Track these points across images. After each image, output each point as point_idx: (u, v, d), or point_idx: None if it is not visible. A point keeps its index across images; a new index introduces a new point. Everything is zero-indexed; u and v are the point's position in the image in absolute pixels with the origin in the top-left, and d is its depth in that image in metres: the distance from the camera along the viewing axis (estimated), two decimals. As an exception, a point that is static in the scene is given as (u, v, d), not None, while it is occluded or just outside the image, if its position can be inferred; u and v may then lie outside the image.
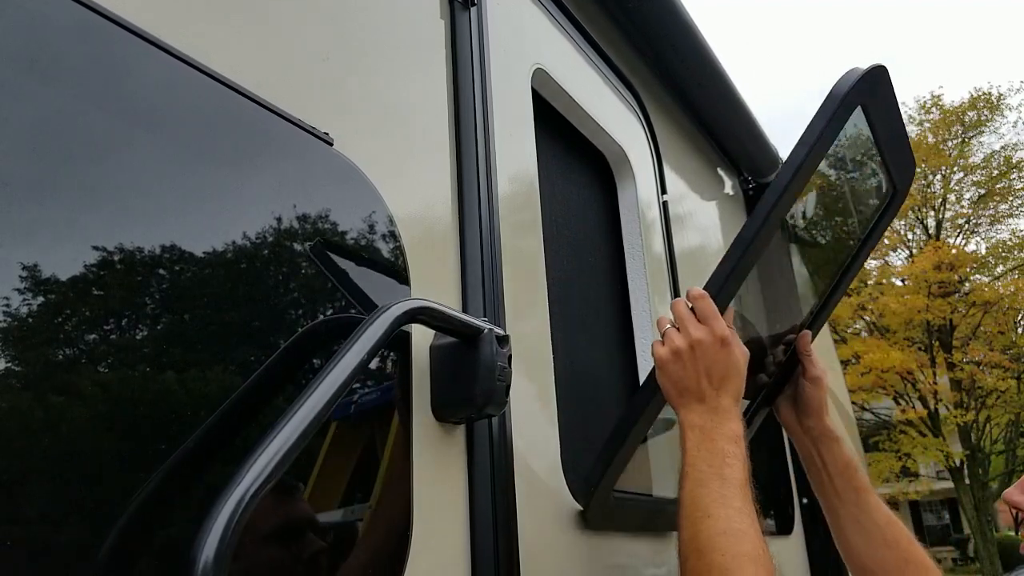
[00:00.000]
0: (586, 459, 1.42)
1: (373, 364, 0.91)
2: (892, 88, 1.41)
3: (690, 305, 1.25)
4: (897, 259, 19.85)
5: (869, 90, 1.36)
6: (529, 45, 1.59)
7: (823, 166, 1.44)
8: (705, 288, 1.25)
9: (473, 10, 1.36)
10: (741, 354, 1.22)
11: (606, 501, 1.38)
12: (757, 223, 1.27)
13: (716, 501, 1.07)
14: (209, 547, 0.60)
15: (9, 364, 0.60)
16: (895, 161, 1.59)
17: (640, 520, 1.58)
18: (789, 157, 1.30)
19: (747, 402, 1.56)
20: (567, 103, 1.72)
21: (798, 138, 1.29)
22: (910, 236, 19.76)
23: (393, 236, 1.05)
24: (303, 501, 0.84)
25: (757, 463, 1.14)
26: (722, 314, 1.23)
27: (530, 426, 1.27)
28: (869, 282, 19.06)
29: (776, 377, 1.56)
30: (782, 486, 2.50)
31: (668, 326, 1.26)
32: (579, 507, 1.34)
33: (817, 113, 1.30)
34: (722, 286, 1.26)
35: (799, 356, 1.54)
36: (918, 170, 18.38)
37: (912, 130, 18.96)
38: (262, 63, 0.91)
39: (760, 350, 1.55)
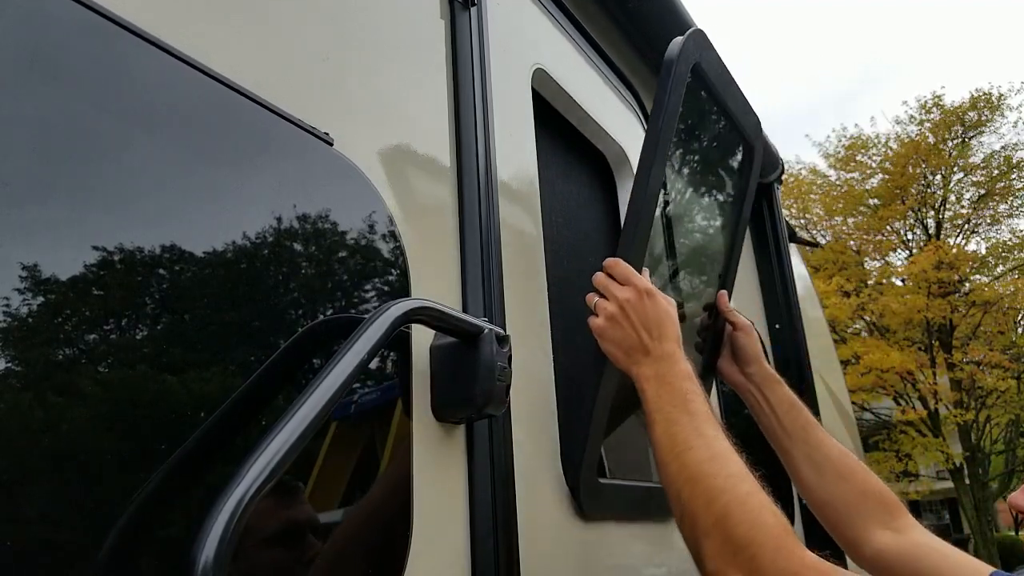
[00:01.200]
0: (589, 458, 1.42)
1: (373, 364, 0.91)
2: (715, 50, 1.57)
3: (609, 274, 1.32)
4: (897, 259, 19.86)
5: (697, 53, 1.51)
6: (529, 45, 1.59)
7: (690, 142, 1.67)
8: (617, 255, 1.34)
9: (473, 10, 1.36)
10: (667, 301, 1.28)
11: (594, 483, 1.38)
12: (639, 193, 1.39)
13: (692, 433, 1.10)
14: (209, 547, 0.60)
15: (9, 364, 0.60)
16: (740, 116, 1.74)
17: (639, 512, 1.59)
18: (648, 129, 1.45)
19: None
20: (567, 103, 1.73)
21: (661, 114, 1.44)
22: (910, 236, 19.76)
23: (393, 236, 1.05)
24: (304, 501, 0.84)
25: (757, 462, 1.15)
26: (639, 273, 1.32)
27: (530, 426, 1.27)
28: (869, 282, 19.07)
29: (710, 343, 1.67)
30: (782, 484, 2.50)
31: (597, 299, 1.31)
32: (580, 507, 1.34)
33: (659, 82, 1.47)
34: (630, 249, 1.35)
35: (723, 315, 1.65)
36: (918, 170, 18.41)
37: (912, 130, 18.97)
38: (262, 63, 0.91)
39: (690, 323, 1.68)
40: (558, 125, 1.75)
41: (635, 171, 1.94)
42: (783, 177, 2.93)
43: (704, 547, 1.00)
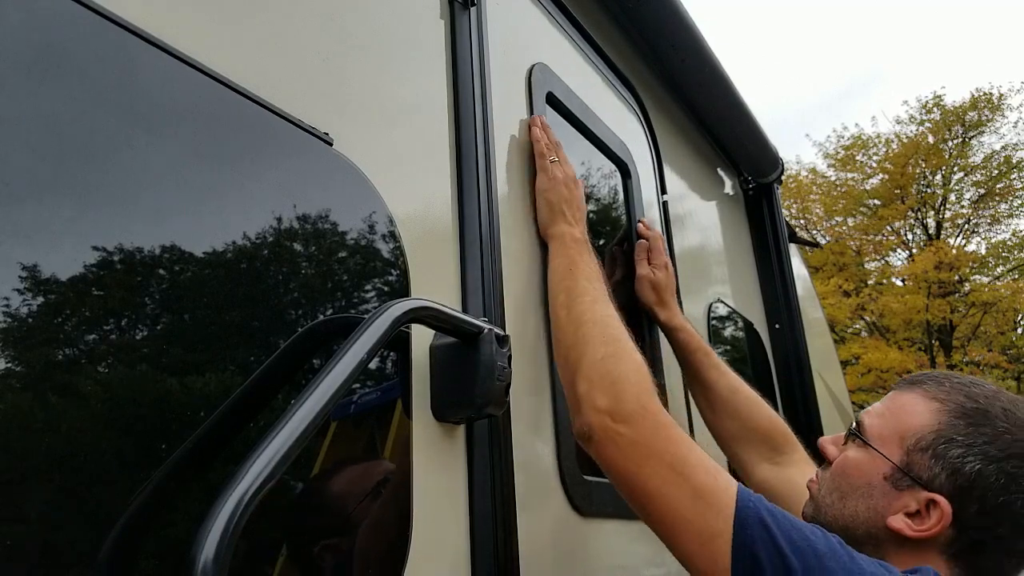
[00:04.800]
0: (583, 458, 1.43)
1: (373, 364, 0.91)
2: (559, 79, 1.65)
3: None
4: (897, 259, 19.86)
5: (547, 83, 1.59)
6: (529, 45, 1.59)
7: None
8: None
9: (473, 10, 1.36)
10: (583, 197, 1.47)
11: (579, 479, 1.38)
12: None
13: (588, 292, 1.25)
14: (209, 547, 0.60)
15: (9, 364, 0.60)
16: (606, 137, 1.80)
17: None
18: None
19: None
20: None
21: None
22: (910, 236, 19.76)
23: (393, 236, 1.05)
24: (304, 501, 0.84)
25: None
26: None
27: (530, 426, 1.27)
28: (869, 282, 19.07)
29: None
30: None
31: (551, 159, 1.44)
32: (575, 506, 1.34)
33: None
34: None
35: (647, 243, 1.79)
36: (918, 170, 18.41)
37: (912, 130, 18.97)
38: (262, 63, 0.91)
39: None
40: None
41: (638, 168, 1.94)
42: (783, 177, 2.93)
43: (580, 377, 1.15)
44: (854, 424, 1.20)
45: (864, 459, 1.14)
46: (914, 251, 19.09)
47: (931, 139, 18.63)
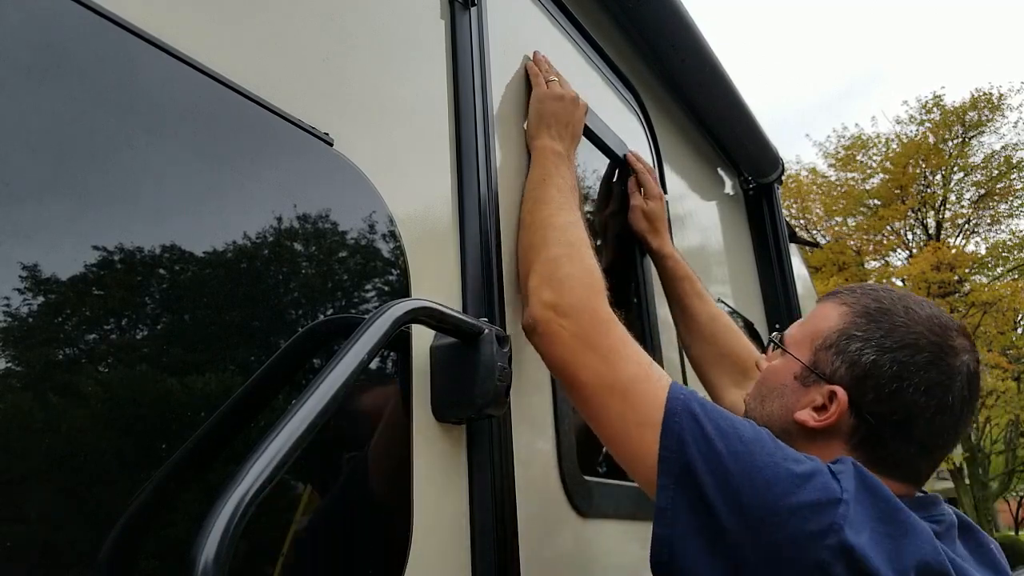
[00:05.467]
0: (583, 459, 1.43)
1: (373, 364, 0.91)
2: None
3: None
4: (897, 259, 19.86)
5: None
6: (529, 45, 1.59)
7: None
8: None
9: (473, 10, 1.36)
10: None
11: (580, 480, 1.38)
12: None
13: (557, 201, 1.30)
14: (209, 547, 0.60)
15: (9, 364, 0.60)
16: (608, 141, 1.81)
17: (637, 510, 1.58)
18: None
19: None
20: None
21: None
22: (910, 236, 19.76)
23: (393, 236, 1.05)
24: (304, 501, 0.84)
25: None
26: None
27: (530, 426, 1.27)
28: (869, 282, 19.05)
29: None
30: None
31: (553, 78, 1.49)
32: (575, 506, 1.34)
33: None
34: None
35: (637, 176, 1.81)
36: (918, 170, 18.40)
37: (913, 130, 18.98)
38: (262, 64, 0.91)
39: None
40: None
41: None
42: (783, 177, 2.93)
43: (533, 273, 1.21)
44: (777, 335, 1.29)
45: (781, 364, 1.21)
46: (914, 251, 19.09)
47: (931, 139, 18.63)
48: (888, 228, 19.51)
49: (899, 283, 18.68)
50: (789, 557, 0.91)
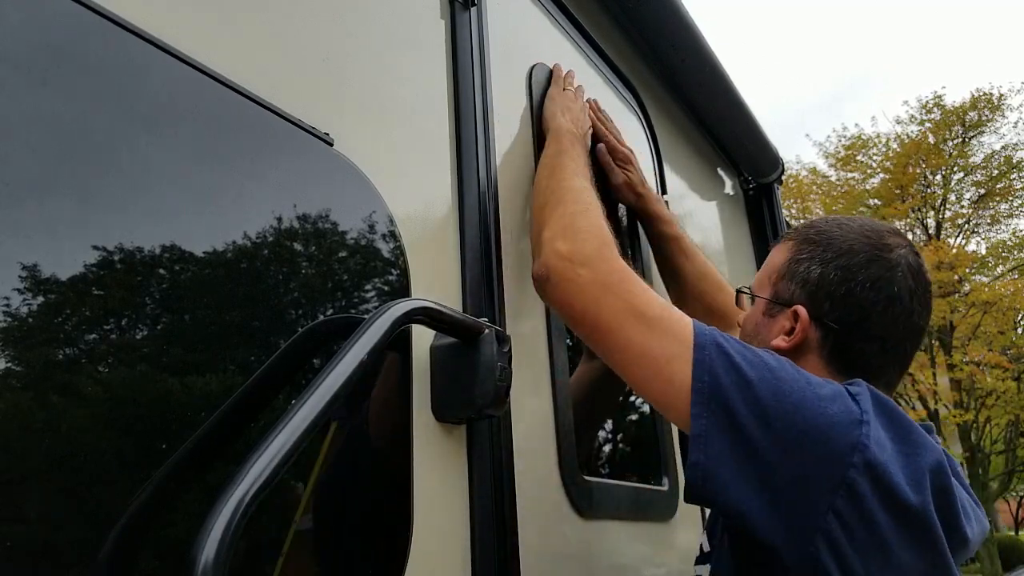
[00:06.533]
0: (583, 459, 1.43)
1: (373, 364, 0.91)
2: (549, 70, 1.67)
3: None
4: (897, 259, 19.80)
5: (547, 80, 1.61)
6: (529, 45, 1.59)
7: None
8: None
9: (473, 10, 1.36)
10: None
11: (579, 480, 1.38)
12: None
13: (572, 174, 1.34)
14: (209, 547, 0.60)
15: (9, 364, 0.60)
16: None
17: (637, 511, 1.59)
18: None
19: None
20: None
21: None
22: (910, 236, 19.74)
23: (393, 236, 1.05)
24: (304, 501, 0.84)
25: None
26: None
27: (530, 426, 1.27)
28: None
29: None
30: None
31: (568, 84, 1.58)
32: (575, 506, 1.34)
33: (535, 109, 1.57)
34: None
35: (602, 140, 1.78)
36: (918, 170, 18.39)
37: (913, 130, 18.97)
38: (262, 64, 0.91)
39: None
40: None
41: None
42: (783, 177, 2.93)
43: (547, 226, 1.23)
44: (744, 286, 1.38)
45: (753, 309, 1.31)
46: (914, 251, 19.04)
47: (931, 139, 18.62)
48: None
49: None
50: (817, 475, 0.96)
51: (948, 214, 19.23)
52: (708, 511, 1.51)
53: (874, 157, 19.48)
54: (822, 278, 1.20)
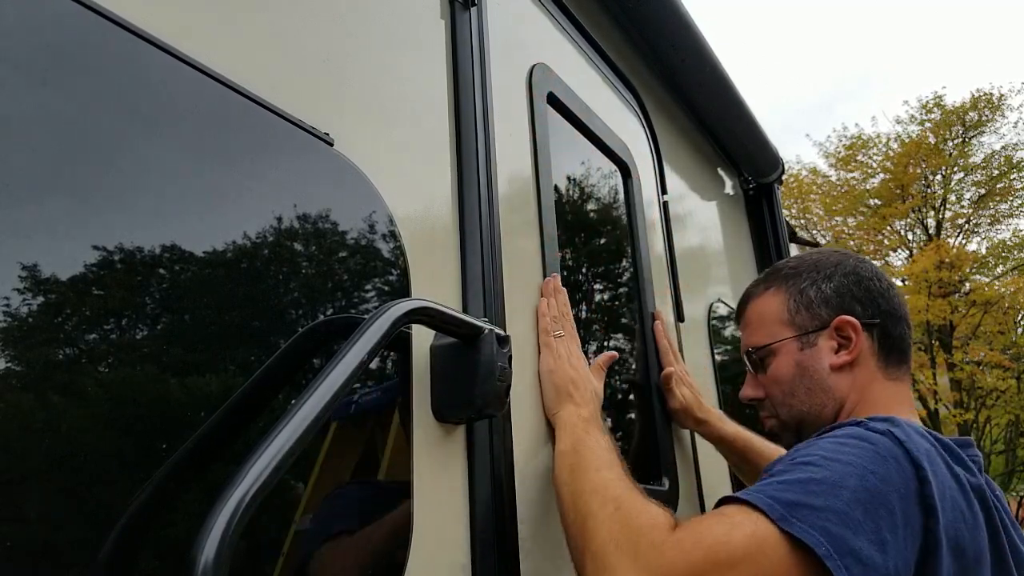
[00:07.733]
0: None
1: (373, 364, 0.91)
2: (559, 79, 1.66)
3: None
4: (897, 259, 19.85)
5: (548, 82, 1.59)
6: (529, 45, 1.59)
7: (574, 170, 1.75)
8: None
9: (473, 10, 1.36)
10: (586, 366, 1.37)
11: None
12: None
13: (595, 465, 1.15)
14: (209, 547, 0.60)
15: (9, 364, 0.60)
16: (607, 137, 1.80)
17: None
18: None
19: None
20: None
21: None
22: (910, 236, 19.75)
23: (393, 236, 1.05)
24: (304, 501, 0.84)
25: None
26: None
27: (530, 426, 1.27)
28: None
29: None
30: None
31: (555, 334, 1.35)
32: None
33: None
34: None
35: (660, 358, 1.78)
36: (918, 170, 18.39)
37: (913, 130, 18.97)
38: (263, 64, 0.91)
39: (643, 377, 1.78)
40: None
41: (638, 168, 1.94)
42: (783, 177, 2.93)
43: (588, 558, 1.04)
44: (744, 356, 1.37)
45: (775, 363, 1.30)
46: (914, 251, 19.09)
47: (932, 139, 18.61)
48: (888, 228, 19.50)
49: (900, 282, 18.69)
50: (911, 526, 0.97)
51: (948, 214, 19.23)
52: (708, 509, 1.51)
53: (874, 157, 19.48)
54: (839, 288, 1.25)
